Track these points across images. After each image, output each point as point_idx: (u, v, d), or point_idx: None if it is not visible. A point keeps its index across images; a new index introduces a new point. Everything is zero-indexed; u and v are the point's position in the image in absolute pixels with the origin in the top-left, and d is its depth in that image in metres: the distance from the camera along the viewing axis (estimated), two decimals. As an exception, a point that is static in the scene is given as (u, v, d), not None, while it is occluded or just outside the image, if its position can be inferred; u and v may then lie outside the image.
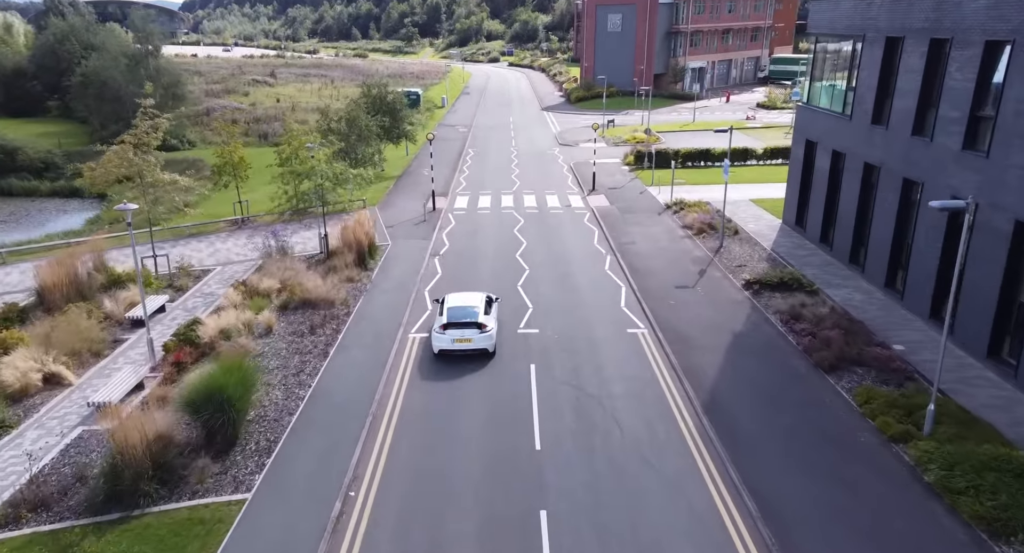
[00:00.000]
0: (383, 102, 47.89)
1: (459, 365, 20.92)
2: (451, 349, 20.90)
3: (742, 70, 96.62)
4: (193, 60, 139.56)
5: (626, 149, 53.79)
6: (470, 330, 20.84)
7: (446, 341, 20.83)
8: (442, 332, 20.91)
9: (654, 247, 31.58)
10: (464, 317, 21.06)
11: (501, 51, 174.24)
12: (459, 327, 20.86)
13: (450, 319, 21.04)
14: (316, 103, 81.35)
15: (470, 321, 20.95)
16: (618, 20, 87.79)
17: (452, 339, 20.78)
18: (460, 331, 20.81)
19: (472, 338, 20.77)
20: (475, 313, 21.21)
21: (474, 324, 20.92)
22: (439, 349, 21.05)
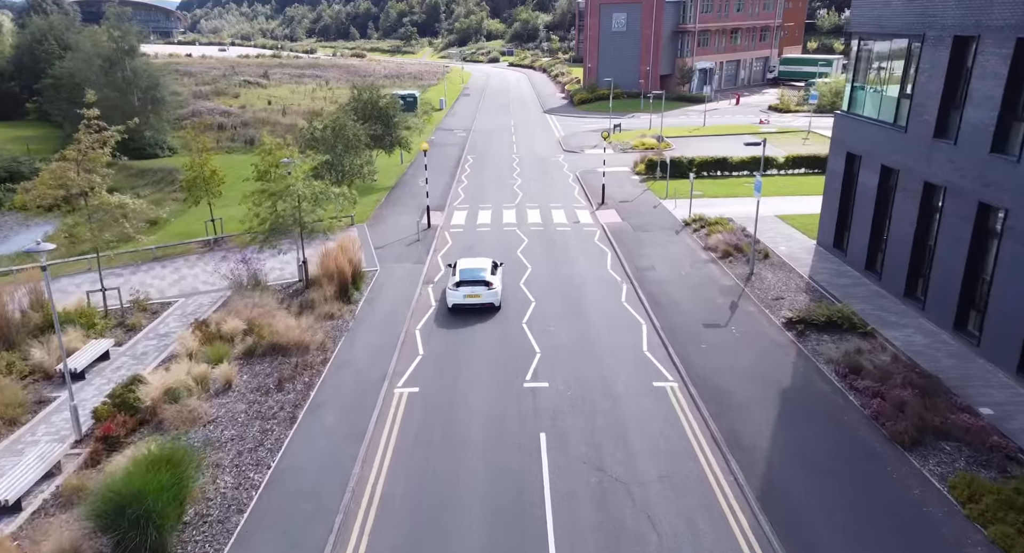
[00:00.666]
0: (374, 107, 44.06)
1: (453, 451, 17.22)
2: (463, 303, 23.95)
3: (750, 71, 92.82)
4: (186, 60, 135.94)
5: (635, 156, 50.01)
6: (479, 287, 23.95)
7: (459, 296, 23.92)
8: (455, 289, 23.97)
9: (676, 274, 27.82)
10: (474, 276, 24.20)
11: (501, 51, 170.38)
12: (470, 285, 23.97)
13: (462, 278, 24.17)
14: (309, 105, 77.65)
15: (479, 280, 24.05)
16: (623, 19, 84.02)
17: (464, 295, 23.88)
18: (471, 288, 23.91)
19: (480, 294, 23.90)
20: (483, 273, 24.36)
21: (482, 282, 24.02)
22: (453, 304, 24.07)
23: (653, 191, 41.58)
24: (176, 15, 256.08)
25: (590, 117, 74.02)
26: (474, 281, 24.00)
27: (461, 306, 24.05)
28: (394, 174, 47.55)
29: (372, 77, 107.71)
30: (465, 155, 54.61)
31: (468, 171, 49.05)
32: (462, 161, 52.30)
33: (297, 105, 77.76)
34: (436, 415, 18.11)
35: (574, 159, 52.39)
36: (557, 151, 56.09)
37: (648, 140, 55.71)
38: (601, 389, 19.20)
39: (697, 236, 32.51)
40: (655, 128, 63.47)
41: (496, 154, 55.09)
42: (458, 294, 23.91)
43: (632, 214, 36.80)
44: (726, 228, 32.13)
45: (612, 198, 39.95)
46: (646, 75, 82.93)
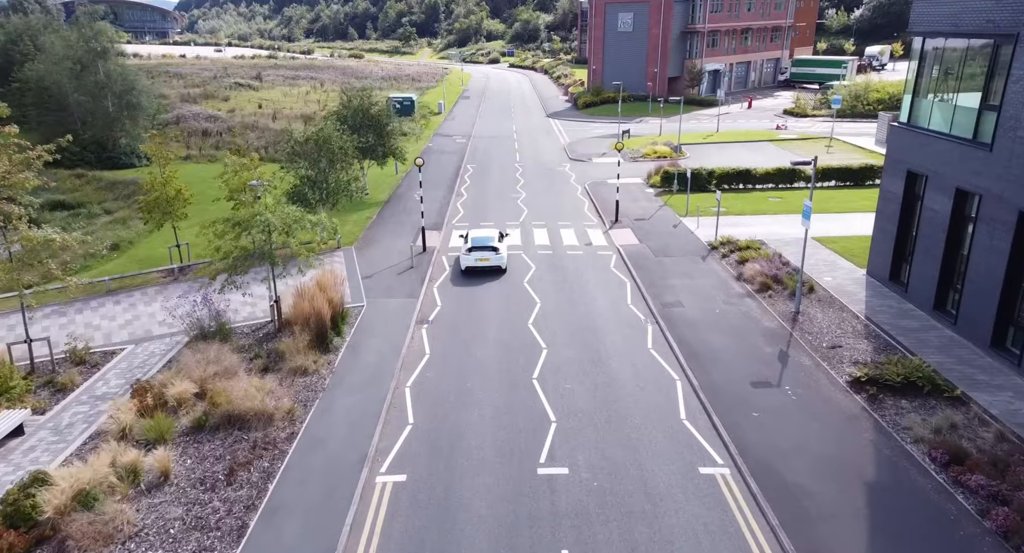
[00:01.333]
0: (366, 115, 39.97)
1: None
2: (475, 265, 27.31)
3: (761, 73, 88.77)
4: (179, 61, 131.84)
5: (648, 166, 45.98)
6: (488, 252, 27.28)
7: (471, 260, 27.26)
8: (468, 254, 27.35)
9: (708, 312, 23.78)
10: (484, 243, 27.54)
11: (501, 52, 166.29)
12: (481, 250, 27.28)
13: (474, 245, 27.52)
14: (302, 109, 73.64)
15: (488, 246, 27.41)
16: (629, 19, 79.95)
17: (476, 258, 27.21)
18: (481, 253, 27.22)
19: (490, 258, 27.25)
20: (491, 241, 27.66)
21: (491, 248, 27.37)
22: (466, 266, 27.42)
23: (671, 207, 37.53)
24: (173, 15, 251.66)
25: (596, 122, 69.96)
26: (484, 247, 27.35)
27: (473, 268, 27.40)
28: (388, 186, 43.49)
29: (369, 79, 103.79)
30: (464, 164, 50.55)
31: (468, 183, 45.00)
32: (461, 171, 48.24)
33: (289, 109, 73.69)
34: (427, 516, 14.09)
35: (582, 169, 48.33)
36: (563, 160, 52.03)
37: (661, 148, 51.67)
38: (636, 479, 15.17)
39: (727, 263, 28.47)
40: (666, 134, 59.46)
41: (498, 163, 51.05)
42: (470, 258, 27.30)
43: (650, 235, 32.76)
44: (760, 254, 28.10)
45: (627, 215, 35.92)
46: (653, 77, 78.90)
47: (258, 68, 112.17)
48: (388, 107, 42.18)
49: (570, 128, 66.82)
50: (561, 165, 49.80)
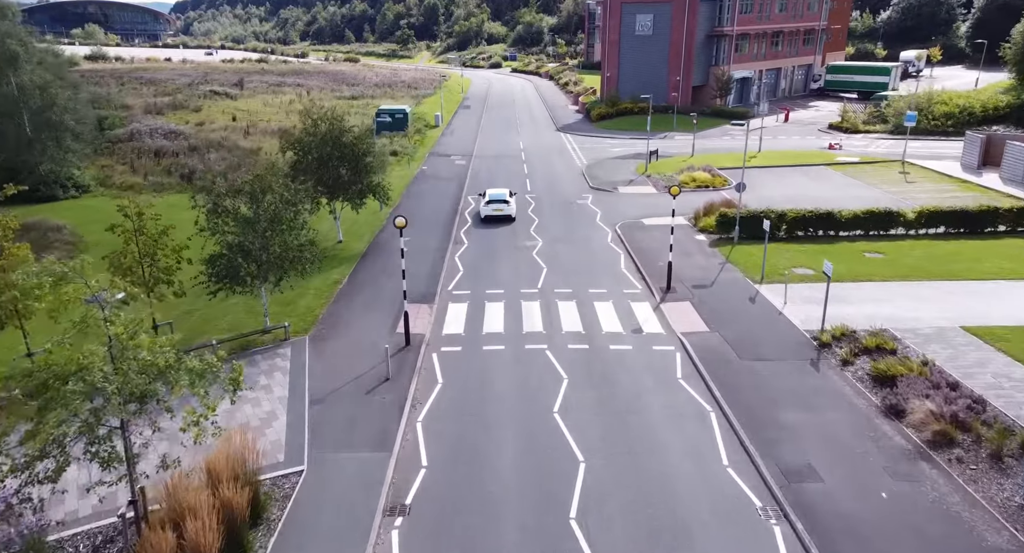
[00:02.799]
0: (337, 144, 30.21)
1: None
2: (491, 214, 35.01)
3: (792, 80, 79.26)
4: (162, 65, 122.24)
5: (692, 201, 36.45)
6: (501, 204, 35.03)
7: (489, 210, 35.04)
8: (486, 205, 35.15)
9: (868, 496, 14.16)
10: (498, 197, 35.37)
11: (503, 55, 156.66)
12: (496, 203, 35.10)
13: (490, 198, 35.36)
14: (281, 122, 64.10)
15: (502, 199, 35.25)
16: (648, 21, 70.42)
17: (492, 209, 34.96)
18: (496, 204, 35.04)
19: (503, 208, 34.96)
20: (504, 195, 35.61)
21: (503, 200, 35.18)
22: (485, 215, 35.19)
23: (737, 266, 27.96)
24: (165, 18, 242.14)
25: (615, 138, 60.45)
26: (498, 200, 35.07)
27: (490, 216, 34.98)
28: (367, 231, 33.90)
29: (360, 85, 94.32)
30: (464, 196, 41.00)
31: (468, 223, 35.49)
32: (461, 206, 38.73)
33: (267, 121, 64.15)
34: None
35: (608, 202, 38.81)
36: (583, 188, 42.52)
37: (700, 174, 42.13)
38: None
39: (856, 376, 18.95)
40: (700, 154, 49.95)
41: (505, 193, 41.63)
42: (488, 208, 34.91)
43: (721, 315, 23.23)
44: (907, 367, 18.42)
45: (681, 278, 26.41)
46: (676, 86, 69.43)
47: (243, 73, 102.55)
48: (368, 133, 32.38)
49: (585, 145, 57.29)
50: (582, 197, 40.27)
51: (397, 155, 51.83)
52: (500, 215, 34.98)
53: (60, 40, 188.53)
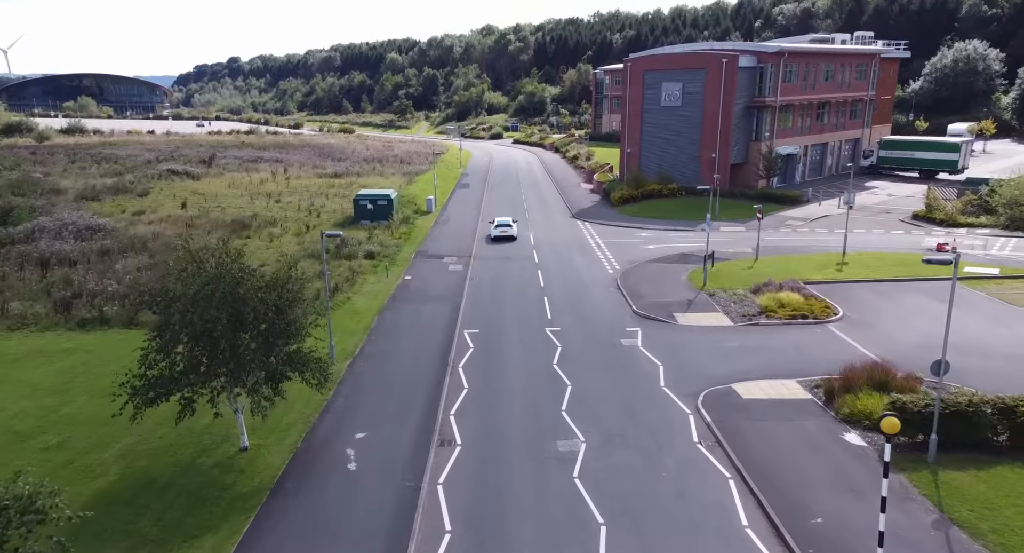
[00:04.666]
0: (233, 298, 17.52)
1: None
2: (498, 234, 44.90)
3: (839, 157, 68.34)
4: (138, 138, 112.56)
5: (798, 342, 23.93)
6: (507, 227, 45.12)
7: (497, 231, 45.03)
8: (495, 228, 45.26)
9: None
10: (504, 222, 45.66)
11: (504, 126, 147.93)
12: (502, 226, 45.21)
13: (498, 223, 45.54)
14: (239, 209, 52.51)
15: (507, 223, 45.51)
16: (677, 91, 59.89)
17: (500, 230, 45.00)
18: (502, 227, 45.10)
19: (507, 231, 44.95)
20: (508, 220, 46.02)
21: (508, 225, 45.38)
22: (494, 235, 45.14)
23: (966, 527, 15.13)
24: (162, 90, 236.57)
25: (645, 228, 48.65)
26: (504, 224, 45.38)
27: (497, 236, 45.01)
28: (298, 415, 21.12)
29: (347, 161, 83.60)
30: (459, 330, 28.45)
31: (465, 389, 22.82)
32: (453, 351, 26.18)
33: (222, 208, 52.51)
34: None
35: (668, 344, 26.28)
36: (623, 313, 30.17)
37: (788, 295, 29.78)
38: None
39: None
40: (766, 258, 37.84)
41: (517, 324, 29.08)
42: (496, 230, 45.10)
43: None
44: None
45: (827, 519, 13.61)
46: (711, 164, 58.28)
47: (219, 148, 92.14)
48: (291, 275, 19.29)
49: (611, 239, 45.40)
50: (627, 333, 27.75)
51: (374, 258, 39.76)
52: (504, 236, 44.93)
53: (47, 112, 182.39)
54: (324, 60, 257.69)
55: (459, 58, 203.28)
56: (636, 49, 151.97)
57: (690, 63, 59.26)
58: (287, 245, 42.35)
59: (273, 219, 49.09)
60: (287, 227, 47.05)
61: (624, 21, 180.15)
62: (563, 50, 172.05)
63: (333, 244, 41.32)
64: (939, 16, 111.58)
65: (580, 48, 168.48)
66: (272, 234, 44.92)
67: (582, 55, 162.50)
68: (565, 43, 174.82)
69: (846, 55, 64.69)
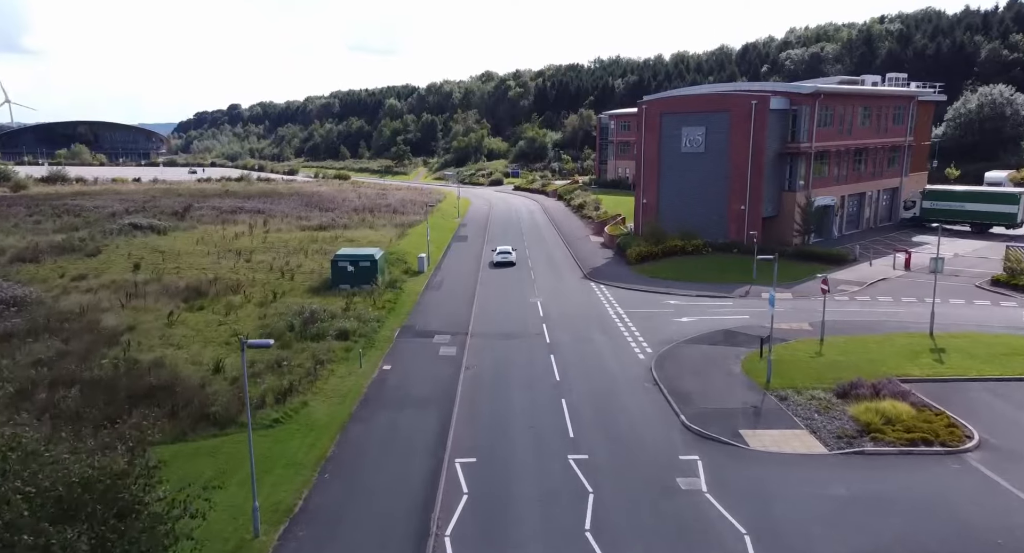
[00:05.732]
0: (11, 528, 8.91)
1: None
2: (499, 260, 50.58)
3: (877, 208, 61.28)
4: (118, 187, 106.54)
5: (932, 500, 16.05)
6: (507, 254, 51.04)
7: (498, 257, 50.84)
8: (496, 254, 51.16)
9: None
10: (504, 248, 52.16)
11: (505, 172, 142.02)
12: (503, 253, 51.21)
13: (499, 251, 51.69)
14: (200, 270, 45.02)
15: (507, 250, 51.74)
16: (699, 136, 53.12)
17: (501, 257, 50.83)
18: (503, 254, 50.96)
19: (507, 258, 50.74)
20: (509, 248, 52.64)
21: (508, 252, 51.52)
22: (494, 261, 50.79)
23: None
24: (158, 137, 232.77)
25: (674, 293, 40.98)
26: (505, 252, 51.34)
27: (498, 262, 50.45)
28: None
29: (336, 211, 76.59)
30: (449, 459, 20.38)
31: (455, 584, 14.86)
32: (440, 495, 18.17)
33: (179, 271, 44.99)
34: None
35: (742, 484, 18.26)
36: (669, 428, 22.24)
37: (895, 406, 21.82)
38: None
39: None
40: (834, 338, 29.97)
41: (527, 448, 21.10)
42: (497, 257, 50.93)
43: None
44: None
45: None
46: (739, 218, 51.14)
47: (201, 196, 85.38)
48: (139, 466, 11.16)
49: (635, 308, 37.67)
50: (682, 465, 19.72)
51: (348, 338, 31.89)
52: (504, 262, 50.57)
53: (36, 160, 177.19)
54: (323, 106, 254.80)
55: (458, 104, 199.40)
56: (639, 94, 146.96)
57: (714, 105, 52.64)
58: (245, 320, 34.59)
59: (237, 284, 41.49)
60: (251, 295, 39.39)
61: (625, 67, 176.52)
62: (564, 95, 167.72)
63: (299, 320, 33.57)
64: (956, 60, 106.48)
65: (581, 93, 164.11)
66: (231, 304, 37.20)
67: (584, 100, 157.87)
68: (566, 88, 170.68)
69: (884, 97, 58.24)
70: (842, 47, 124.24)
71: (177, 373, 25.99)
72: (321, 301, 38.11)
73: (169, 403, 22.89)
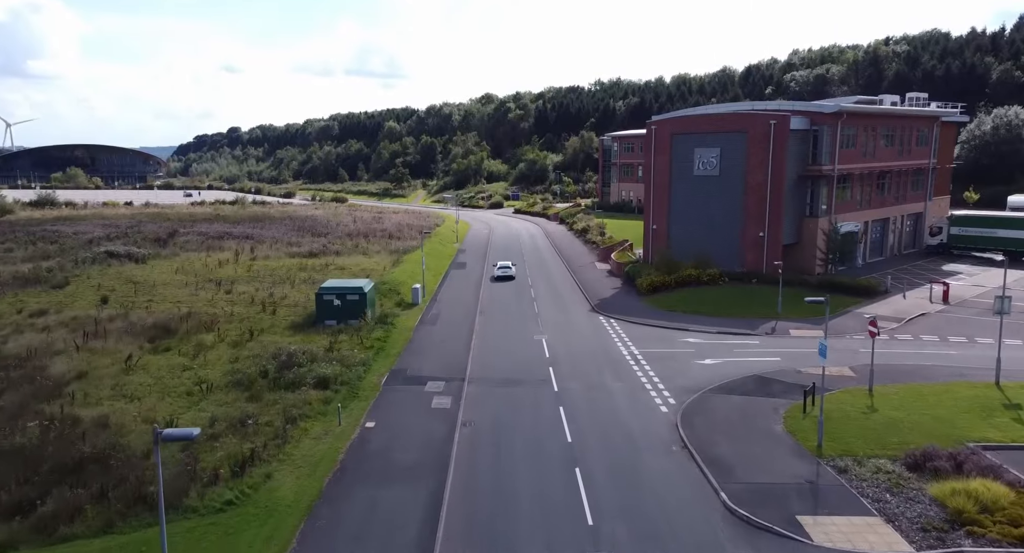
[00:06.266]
0: None
1: None
2: (500, 274, 52.24)
3: (900, 234, 57.49)
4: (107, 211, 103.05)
5: None
6: (507, 269, 52.73)
7: (498, 272, 52.54)
8: (496, 269, 52.99)
9: None
10: (505, 263, 54.10)
11: (505, 195, 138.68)
12: (503, 268, 52.92)
13: (499, 264, 53.89)
14: (175, 303, 41.08)
15: (507, 264, 53.63)
16: (713, 157, 49.51)
17: (501, 271, 52.43)
18: (504, 269, 52.64)
19: (507, 272, 52.41)
20: (509, 263, 54.39)
21: (508, 266, 53.38)
22: (495, 276, 52.45)
23: None
24: (155, 160, 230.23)
25: (692, 329, 36.93)
26: (505, 267, 53.15)
27: (498, 276, 52.17)
28: None
29: (328, 236, 72.85)
30: (440, 550, 16.38)
31: None
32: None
33: (149, 305, 41.05)
34: None
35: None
36: (709, 511, 18.11)
37: (989, 487, 17.70)
38: None
39: None
40: (888, 388, 25.85)
41: (537, 543, 16.94)
42: (498, 271, 52.65)
43: None
44: None
45: None
46: (757, 245, 47.33)
47: (188, 222, 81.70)
48: None
49: (651, 348, 33.59)
50: None
51: (328, 387, 27.80)
52: (504, 276, 52.32)
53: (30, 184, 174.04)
54: (322, 129, 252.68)
55: (458, 126, 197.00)
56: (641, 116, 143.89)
57: (730, 125, 49.06)
58: (215, 364, 30.52)
59: (212, 320, 37.49)
60: (225, 333, 35.38)
61: (626, 88, 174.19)
62: (565, 117, 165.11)
63: (274, 364, 29.52)
64: (967, 82, 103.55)
65: (582, 115, 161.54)
66: (201, 344, 33.19)
67: (585, 122, 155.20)
68: (566, 110, 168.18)
69: (907, 118, 54.73)
70: (848, 68, 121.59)
71: (119, 437, 21.86)
72: (303, 340, 34.13)
73: (100, 480, 18.76)
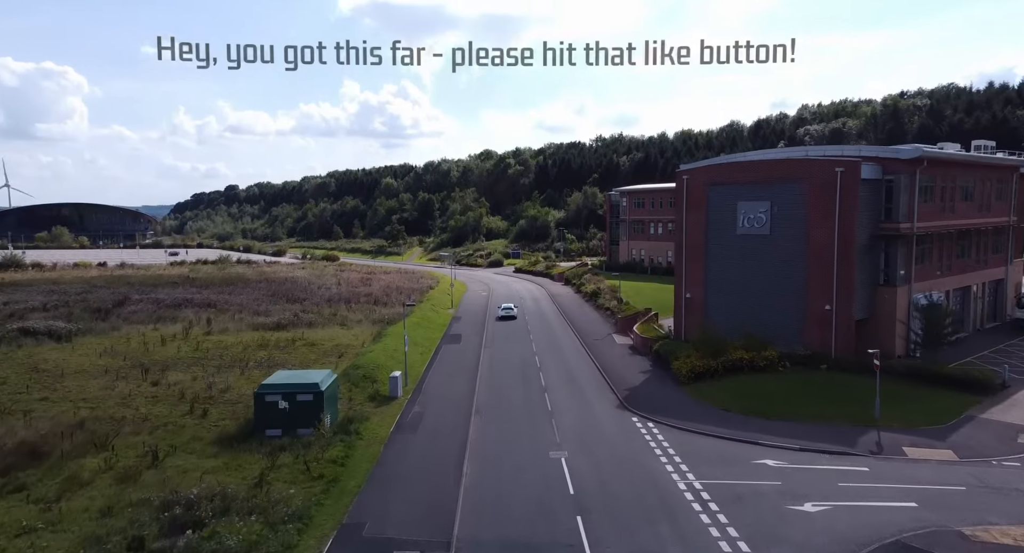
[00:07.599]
0: None
1: None
2: (503, 315, 57.34)
3: (982, 305, 47.75)
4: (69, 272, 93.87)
5: None
6: (510, 310, 58.32)
7: (502, 312, 57.85)
8: (501, 310, 58.52)
9: None
10: (508, 305, 59.70)
11: (505, 252, 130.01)
12: (507, 309, 58.44)
13: (503, 306, 59.52)
14: (80, 402, 30.88)
15: (510, 307, 59.29)
16: (762, 213, 40.34)
17: (504, 311, 57.93)
18: (507, 310, 58.23)
19: (510, 313, 57.78)
20: (512, 304, 60.75)
21: (511, 308, 59.00)
22: (500, 315, 57.70)
23: None
24: (146, 218, 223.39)
25: (764, 442, 26.66)
26: (508, 308, 58.49)
27: (502, 316, 57.34)
28: None
29: (306, 302, 63.13)
30: None
31: None
32: None
33: (40, 409, 30.95)
34: None
35: None
36: None
37: None
38: None
39: None
40: None
41: None
42: (502, 311, 57.78)
43: None
44: None
45: None
46: (823, 320, 37.58)
47: (147, 287, 72.14)
48: None
49: (715, 476, 23.16)
50: None
51: None
52: (507, 316, 57.50)
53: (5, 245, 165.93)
54: (319, 186, 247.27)
55: (456, 182, 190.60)
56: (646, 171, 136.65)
57: (782, 173, 40.10)
58: (75, 517, 20.19)
59: (114, 429, 27.34)
60: (122, 454, 25.17)
61: (629, 144, 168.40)
62: (566, 173, 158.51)
63: (157, 526, 19.23)
64: (999, 133, 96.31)
65: (584, 171, 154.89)
66: (74, 479, 22.96)
67: (587, 178, 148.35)
68: (568, 166, 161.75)
69: (988, 167, 45.90)
70: (865, 122, 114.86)
71: None
72: (225, 465, 24.02)
73: None
